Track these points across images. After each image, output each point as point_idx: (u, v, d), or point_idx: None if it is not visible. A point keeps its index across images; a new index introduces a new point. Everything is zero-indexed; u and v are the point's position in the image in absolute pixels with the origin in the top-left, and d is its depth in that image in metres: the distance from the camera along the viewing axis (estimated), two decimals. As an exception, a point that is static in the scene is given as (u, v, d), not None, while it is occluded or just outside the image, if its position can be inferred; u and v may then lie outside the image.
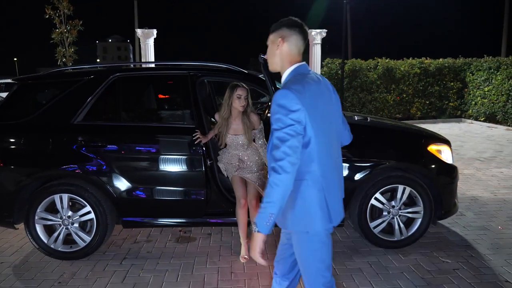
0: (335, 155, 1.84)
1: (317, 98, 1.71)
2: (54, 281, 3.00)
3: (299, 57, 1.80)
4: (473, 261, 3.23)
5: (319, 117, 1.70)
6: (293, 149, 1.61)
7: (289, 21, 1.77)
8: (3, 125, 3.35)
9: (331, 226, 1.77)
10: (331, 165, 1.77)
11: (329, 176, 1.75)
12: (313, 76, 1.79)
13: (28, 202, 3.25)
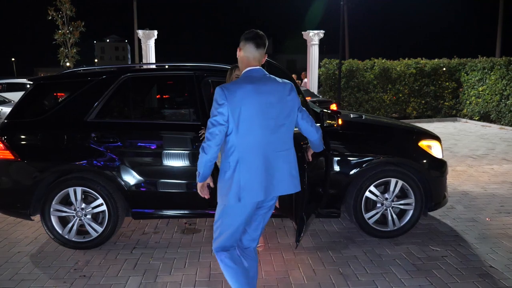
0: (267, 145, 2.14)
1: (251, 97, 2.08)
2: (70, 268, 3.21)
3: (254, 62, 2.18)
4: (461, 249, 3.46)
5: (247, 112, 2.07)
6: (212, 135, 2.08)
7: (246, 34, 2.18)
8: (21, 122, 3.57)
9: (244, 202, 2.14)
10: (256, 153, 2.12)
11: (250, 163, 2.12)
12: (263, 79, 2.15)
13: (44, 195, 3.45)
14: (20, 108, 3.61)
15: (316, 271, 3.11)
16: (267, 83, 2.15)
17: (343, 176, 3.57)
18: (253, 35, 2.17)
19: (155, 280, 3.00)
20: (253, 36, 2.16)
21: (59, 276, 3.10)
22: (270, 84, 2.15)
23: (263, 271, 3.11)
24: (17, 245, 3.70)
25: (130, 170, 3.46)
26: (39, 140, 3.54)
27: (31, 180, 3.46)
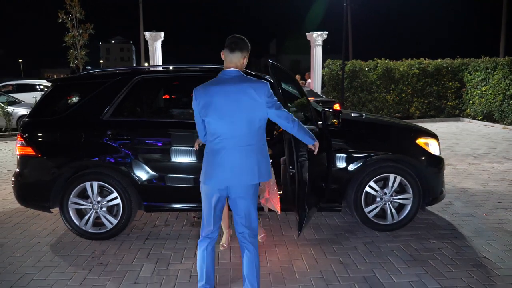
0: (230, 139, 2.39)
1: (216, 95, 2.36)
2: (87, 257, 3.43)
3: (230, 64, 2.44)
4: (456, 242, 3.64)
5: (213, 108, 2.35)
6: (196, 124, 2.55)
7: (226, 41, 2.46)
8: (41, 121, 3.80)
9: (208, 186, 2.46)
10: (220, 145, 2.40)
11: (214, 152, 2.42)
12: (233, 79, 2.40)
13: (62, 189, 3.68)
14: (40, 107, 3.85)
15: (318, 260, 3.31)
16: (236, 83, 2.38)
17: (344, 172, 3.76)
18: (229, 42, 2.44)
19: (167, 268, 3.21)
20: (229, 42, 2.44)
21: (78, 263, 3.32)
22: (238, 84, 2.38)
23: (268, 261, 3.31)
24: (36, 236, 3.93)
25: (143, 165, 3.68)
26: (58, 137, 3.77)
27: (51, 174, 3.69)
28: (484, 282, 2.92)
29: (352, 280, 2.99)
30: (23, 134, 3.72)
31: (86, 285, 2.97)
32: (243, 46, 2.44)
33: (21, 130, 3.76)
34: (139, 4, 21.19)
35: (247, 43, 2.48)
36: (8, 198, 5.24)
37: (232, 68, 2.45)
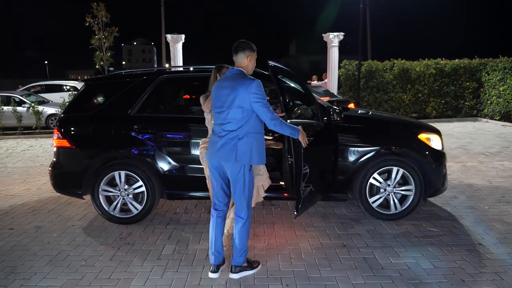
0: (221, 125, 2.88)
1: (218, 89, 2.88)
2: (116, 237, 3.84)
3: (236, 64, 2.94)
4: (455, 230, 3.88)
5: (215, 99, 2.88)
6: None
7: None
8: (75, 116, 4.24)
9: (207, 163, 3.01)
10: (215, 129, 2.92)
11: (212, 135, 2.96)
12: (232, 76, 2.86)
13: (94, 178, 4.11)
14: (74, 104, 4.29)
15: (323, 243, 3.62)
16: (230, 80, 2.84)
17: (350, 164, 4.05)
18: (233, 46, 2.90)
19: (186, 248, 3.59)
20: (233, 46, 2.90)
21: (108, 243, 3.73)
22: (231, 81, 2.82)
23: (278, 243, 3.64)
24: (70, 220, 4.38)
25: (165, 156, 4.06)
26: (90, 131, 4.21)
27: (83, 165, 4.12)
28: (474, 264, 3.17)
29: (353, 260, 3.29)
30: (59, 128, 4.17)
31: (115, 260, 3.37)
32: (245, 47, 2.87)
33: (58, 125, 4.21)
34: (161, 7, 21.87)
35: (250, 44, 2.89)
36: (43, 188, 5.74)
37: (235, 67, 2.91)
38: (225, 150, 2.83)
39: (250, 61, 2.89)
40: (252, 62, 2.90)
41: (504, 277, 2.97)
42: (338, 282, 2.95)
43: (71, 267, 3.26)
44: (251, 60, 2.89)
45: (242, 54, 2.86)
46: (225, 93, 2.82)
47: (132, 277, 3.07)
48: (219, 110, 2.86)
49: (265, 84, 4.06)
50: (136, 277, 3.07)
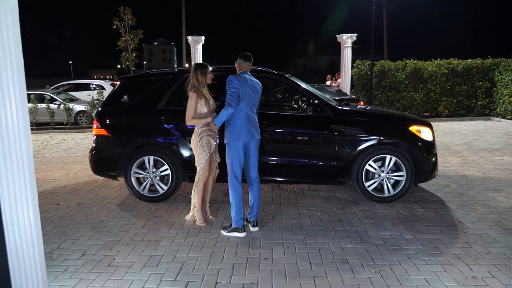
0: (252, 112, 3.92)
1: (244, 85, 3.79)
2: (145, 212, 4.52)
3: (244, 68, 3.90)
4: (440, 211, 4.40)
5: (249, 93, 3.81)
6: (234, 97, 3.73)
7: (240, 55, 3.92)
8: (111, 109, 4.95)
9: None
10: (249, 115, 3.86)
11: (242, 120, 3.81)
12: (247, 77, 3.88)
13: (126, 162, 4.79)
14: (110, 99, 5.00)
15: (322, 219, 4.20)
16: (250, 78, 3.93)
17: (349, 152, 4.62)
18: (242, 55, 3.88)
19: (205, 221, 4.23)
20: (243, 55, 3.88)
21: (139, 216, 4.41)
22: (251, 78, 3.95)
23: (283, 218, 4.25)
24: (106, 199, 5.09)
25: (187, 144, 4.71)
26: (124, 121, 4.90)
27: (118, 150, 4.82)
28: (450, 236, 3.70)
29: (345, 231, 3.86)
30: (98, 119, 4.88)
31: (146, 228, 4.05)
32: (251, 59, 3.90)
33: (97, 116, 4.93)
34: (182, 9, 22.72)
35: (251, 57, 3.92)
36: (79, 174, 6.50)
37: (247, 70, 3.89)
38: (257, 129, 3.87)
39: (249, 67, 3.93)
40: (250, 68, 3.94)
41: (473, 246, 3.49)
42: (330, 246, 3.53)
43: (110, 232, 3.95)
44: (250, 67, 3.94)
45: (249, 62, 3.91)
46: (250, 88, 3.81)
47: (160, 240, 3.73)
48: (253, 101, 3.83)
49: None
50: (164, 240, 3.73)
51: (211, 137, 4.05)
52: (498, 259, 3.22)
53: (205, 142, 4.00)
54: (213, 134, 4.07)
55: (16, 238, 1.54)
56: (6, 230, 1.50)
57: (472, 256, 3.29)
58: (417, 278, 2.93)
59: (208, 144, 4.01)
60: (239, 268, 3.15)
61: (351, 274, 3.01)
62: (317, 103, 4.65)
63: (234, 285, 2.89)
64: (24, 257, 1.58)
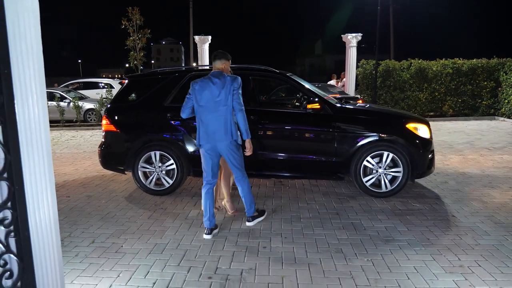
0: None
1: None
2: (152, 204, 4.73)
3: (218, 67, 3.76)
4: (435, 206, 4.55)
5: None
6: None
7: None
8: (120, 106, 5.17)
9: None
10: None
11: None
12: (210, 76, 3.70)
13: (134, 156, 5.01)
14: (119, 96, 5.22)
15: (320, 212, 4.38)
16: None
17: (347, 149, 4.78)
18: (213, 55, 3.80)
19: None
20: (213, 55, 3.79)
21: (145, 208, 4.62)
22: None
23: (282, 211, 4.43)
24: (113, 192, 5.31)
25: (192, 140, 4.91)
26: (132, 118, 5.12)
27: (126, 145, 5.03)
28: (442, 229, 3.85)
29: (342, 224, 4.03)
30: (107, 116, 5.10)
31: (152, 219, 4.25)
32: (221, 57, 3.74)
33: (106, 113, 5.15)
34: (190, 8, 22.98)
35: (225, 54, 3.77)
36: (88, 169, 6.74)
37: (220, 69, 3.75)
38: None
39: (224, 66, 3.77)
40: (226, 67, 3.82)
41: (464, 238, 3.64)
42: (326, 237, 3.70)
43: (118, 222, 4.17)
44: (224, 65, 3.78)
45: (219, 61, 3.77)
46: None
47: (165, 230, 3.94)
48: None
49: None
50: (168, 230, 3.93)
51: None
52: (486, 250, 3.37)
53: None
54: None
55: (36, 217, 1.74)
56: (29, 209, 1.71)
57: (462, 247, 3.44)
58: (406, 266, 3.10)
59: None
60: (238, 255, 3.34)
61: (344, 262, 3.18)
62: (317, 101, 4.82)
63: (234, 270, 3.08)
64: (43, 234, 1.78)
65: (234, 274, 3.02)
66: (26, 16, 1.66)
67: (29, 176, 1.67)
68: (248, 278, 2.96)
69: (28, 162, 1.66)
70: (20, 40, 1.63)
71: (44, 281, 1.75)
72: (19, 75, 1.61)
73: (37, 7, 1.75)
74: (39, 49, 1.77)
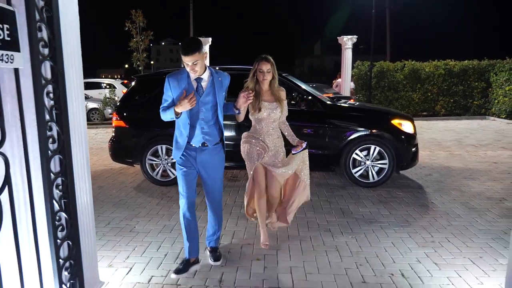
0: None
1: None
2: (159, 193, 5.17)
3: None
4: (417, 194, 5.00)
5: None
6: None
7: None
8: (129, 104, 5.61)
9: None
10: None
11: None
12: None
13: (142, 150, 5.45)
14: (128, 95, 5.66)
15: (312, 200, 4.81)
16: None
17: (338, 142, 5.23)
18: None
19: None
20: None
21: (153, 196, 5.06)
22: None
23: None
24: (123, 183, 5.75)
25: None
26: (140, 114, 5.56)
27: (134, 140, 5.47)
28: (420, 213, 4.30)
29: (331, 209, 4.48)
30: (117, 112, 5.54)
31: (160, 205, 4.69)
32: (188, 51, 2.68)
33: (116, 110, 5.60)
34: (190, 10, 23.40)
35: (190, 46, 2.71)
36: (97, 163, 7.18)
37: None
38: None
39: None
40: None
41: (438, 220, 4.09)
42: (316, 219, 4.15)
43: (129, 208, 4.61)
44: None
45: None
46: None
47: (173, 214, 4.37)
48: None
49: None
50: (175, 214, 4.37)
51: (251, 144, 3.34)
52: (456, 229, 3.82)
53: (245, 149, 3.41)
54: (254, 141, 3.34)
55: (79, 185, 2.18)
56: (77, 192, 2.15)
57: (435, 227, 3.89)
58: (385, 242, 3.55)
59: (246, 152, 3.38)
60: (238, 234, 3.79)
61: (331, 239, 3.63)
62: (311, 99, 5.28)
63: (234, 245, 3.53)
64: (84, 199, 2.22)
65: (235, 248, 3.46)
66: (70, 26, 2.11)
67: (74, 153, 2.11)
68: (247, 251, 3.40)
69: (74, 142, 2.10)
70: (67, 45, 2.07)
71: (83, 236, 2.19)
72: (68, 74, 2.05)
73: (77, 20, 2.20)
74: (79, 52, 2.21)
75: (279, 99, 3.30)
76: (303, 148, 3.37)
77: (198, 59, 2.71)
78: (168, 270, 3.06)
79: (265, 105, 3.26)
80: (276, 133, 3.38)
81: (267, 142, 3.33)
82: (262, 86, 3.28)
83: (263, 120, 3.31)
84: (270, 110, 3.28)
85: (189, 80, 2.87)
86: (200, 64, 2.76)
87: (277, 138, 3.39)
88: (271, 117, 3.30)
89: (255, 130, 3.37)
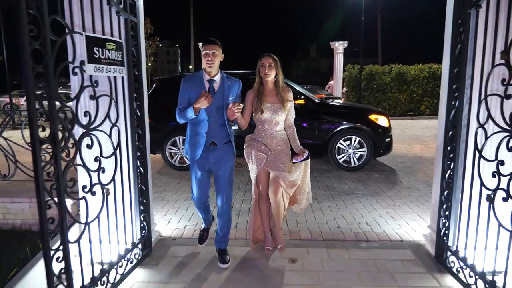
0: None
1: None
2: (178, 176, 6.27)
3: None
4: (389, 176, 6.14)
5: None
6: None
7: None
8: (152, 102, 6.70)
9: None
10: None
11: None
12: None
13: (163, 140, 6.55)
14: (151, 94, 6.77)
15: (304, 179, 5.94)
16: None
17: (326, 134, 6.36)
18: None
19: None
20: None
21: (174, 177, 6.16)
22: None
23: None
24: (146, 169, 6.84)
25: (208, 128, 6.46)
26: (161, 111, 6.66)
27: (156, 131, 6.58)
28: (389, 188, 5.43)
29: (319, 185, 5.61)
30: (142, 109, 6.64)
31: (180, 183, 5.80)
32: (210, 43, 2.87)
33: (141, 107, 6.69)
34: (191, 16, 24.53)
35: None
36: (118, 154, 8.26)
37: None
38: None
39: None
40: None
41: (402, 192, 5.22)
42: (307, 192, 5.28)
43: (156, 185, 5.71)
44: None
45: None
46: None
47: (192, 189, 5.48)
48: None
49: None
50: (195, 189, 5.48)
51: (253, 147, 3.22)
52: (414, 197, 4.95)
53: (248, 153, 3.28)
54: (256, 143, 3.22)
55: (147, 185, 3.29)
56: (149, 180, 3.25)
57: (398, 196, 5.02)
58: (357, 205, 4.67)
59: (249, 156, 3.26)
60: (246, 201, 4.90)
61: (317, 204, 4.75)
62: (303, 98, 6.40)
63: (244, 208, 4.64)
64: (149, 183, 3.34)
65: (244, 210, 4.58)
66: (141, 48, 3.22)
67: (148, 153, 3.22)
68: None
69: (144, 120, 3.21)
70: (138, 50, 3.18)
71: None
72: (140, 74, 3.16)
73: (144, 43, 3.31)
74: (144, 57, 3.33)
75: (284, 100, 3.11)
76: (304, 158, 3.22)
77: (217, 51, 2.86)
78: (197, 222, 4.17)
79: (267, 106, 3.10)
80: (280, 136, 3.20)
81: (270, 145, 3.17)
82: (266, 85, 3.13)
83: (266, 122, 3.15)
84: (273, 112, 3.10)
85: (203, 81, 2.97)
86: (217, 58, 2.88)
87: (281, 141, 3.21)
88: (274, 118, 3.13)
89: (258, 132, 3.22)
